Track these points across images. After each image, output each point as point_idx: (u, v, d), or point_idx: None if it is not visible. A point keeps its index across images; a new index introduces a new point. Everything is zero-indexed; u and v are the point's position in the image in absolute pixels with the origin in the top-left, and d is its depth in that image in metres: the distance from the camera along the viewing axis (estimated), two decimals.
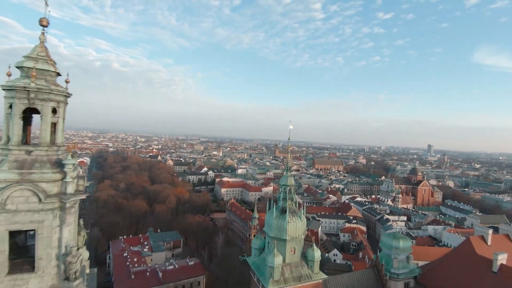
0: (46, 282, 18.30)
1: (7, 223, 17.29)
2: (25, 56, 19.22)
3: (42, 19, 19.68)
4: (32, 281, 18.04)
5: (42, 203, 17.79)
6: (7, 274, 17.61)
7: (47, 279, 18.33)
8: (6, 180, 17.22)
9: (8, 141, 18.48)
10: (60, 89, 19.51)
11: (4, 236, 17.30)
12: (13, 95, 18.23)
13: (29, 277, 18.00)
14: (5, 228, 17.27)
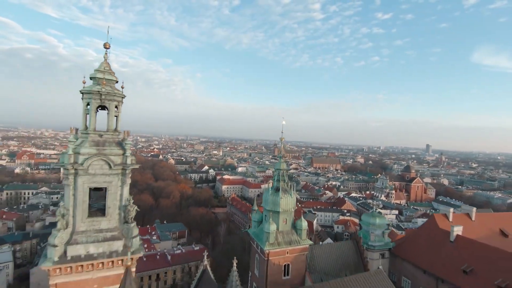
0: (112, 223, 27.15)
1: (88, 182, 26.12)
2: (95, 69, 28.02)
3: (105, 43, 28.48)
4: (103, 223, 26.88)
5: (111, 169, 26.62)
6: (87, 217, 26.44)
7: (113, 222, 27.17)
8: (88, 153, 26.03)
9: (87, 128, 27.30)
10: (119, 92, 28.34)
11: (86, 190, 26.13)
12: (90, 96, 27.04)
13: (101, 219, 26.85)
14: (87, 186, 26.10)
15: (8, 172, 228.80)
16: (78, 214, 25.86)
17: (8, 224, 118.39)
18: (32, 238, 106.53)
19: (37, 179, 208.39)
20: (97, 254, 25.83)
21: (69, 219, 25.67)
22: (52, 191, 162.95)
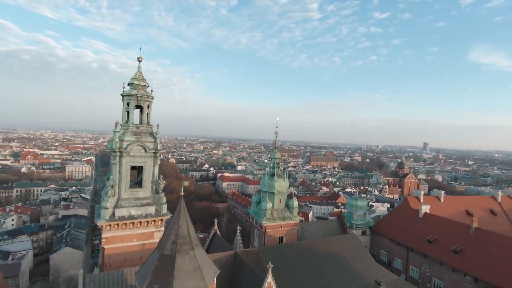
0: (147, 193, 36.24)
1: (130, 162, 35.18)
2: (132, 78, 37.01)
3: (139, 57, 37.53)
4: (140, 193, 35.96)
5: (146, 152, 35.71)
6: (129, 188, 35.49)
7: (147, 192, 36.28)
8: (129, 141, 35.06)
9: (127, 122, 36.35)
10: (150, 95, 37.40)
11: (128, 168, 35.20)
12: (129, 98, 36.07)
13: (139, 190, 35.94)
14: (129, 164, 35.18)
15: (15, 171, 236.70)
16: (123, 186, 34.94)
17: (23, 217, 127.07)
18: (47, 229, 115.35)
19: (43, 178, 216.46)
20: (137, 216, 34.95)
21: (116, 189, 34.72)
22: (60, 188, 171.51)
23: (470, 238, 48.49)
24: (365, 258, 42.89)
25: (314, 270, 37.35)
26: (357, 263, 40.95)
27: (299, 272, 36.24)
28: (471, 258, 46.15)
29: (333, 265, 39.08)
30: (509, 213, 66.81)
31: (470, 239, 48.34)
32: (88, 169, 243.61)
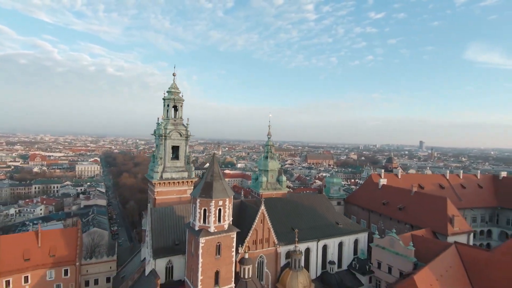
0: (182, 164, 55.34)
1: (171, 143, 54.25)
2: (170, 87, 56.06)
3: (173, 73, 56.64)
4: (178, 163, 55.09)
5: (181, 137, 54.78)
6: (170, 160, 54.48)
7: (182, 163, 55.45)
8: (170, 129, 54.10)
9: (167, 117, 55.38)
10: (182, 98, 56.49)
11: (170, 147, 54.27)
12: (169, 101, 55.16)
13: (177, 161, 55.16)
14: (171, 144, 54.29)
15: (27, 171, 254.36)
16: (167, 158, 53.93)
17: (49, 207, 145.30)
18: (73, 216, 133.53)
19: (55, 176, 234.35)
20: (176, 177, 53.88)
21: (162, 161, 53.60)
22: (75, 184, 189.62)
23: (411, 199, 67.70)
24: (330, 209, 62.01)
25: (294, 213, 56.19)
26: (324, 211, 59.93)
27: (284, 214, 54.97)
28: (410, 212, 65.27)
29: (307, 211, 57.99)
30: (454, 187, 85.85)
31: (411, 199, 67.54)
32: (97, 168, 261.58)
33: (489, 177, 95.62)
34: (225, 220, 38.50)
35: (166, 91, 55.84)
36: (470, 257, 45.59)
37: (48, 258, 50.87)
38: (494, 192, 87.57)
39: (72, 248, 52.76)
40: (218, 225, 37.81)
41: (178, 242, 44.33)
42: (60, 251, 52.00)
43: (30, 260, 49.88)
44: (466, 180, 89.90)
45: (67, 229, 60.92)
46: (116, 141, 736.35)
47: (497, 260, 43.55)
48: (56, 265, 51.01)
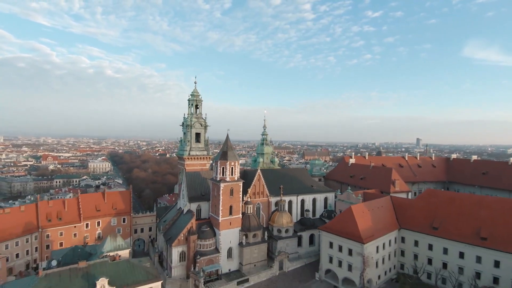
0: (202, 146, 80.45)
1: (195, 130, 79.20)
2: (193, 92, 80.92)
3: (195, 81, 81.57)
4: (199, 145, 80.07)
5: (201, 126, 79.78)
6: (194, 142, 79.36)
7: (201, 145, 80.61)
8: (194, 121, 78.94)
9: (191, 112, 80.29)
10: (201, 99, 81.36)
11: (194, 133, 79.24)
12: (192, 102, 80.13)
13: (199, 144, 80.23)
14: (194, 132, 79.29)
15: (43, 169, 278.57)
16: (192, 141, 78.86)
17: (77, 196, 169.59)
18: None
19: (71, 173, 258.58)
20: (199, 154, 78.73)
21: (189, 143, 78.34)
22: (93, 178, 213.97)
23: (369, 171, 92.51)
24: (308, 178, 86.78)
25: (282, 179, 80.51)
26: (303, 179, 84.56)
27: (274, 179, 79.16)
28: (368, 180, 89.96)
29: (291, 178, 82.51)
30: (411, 166, 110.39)
31: (369, 172, 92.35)
32: (108, 165, 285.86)
33: (443, 158, 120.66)
34: (235, 174, 63.19)
35: (190, 94, 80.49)
36: (398, 202, 70.27)
37: (111, 210, 75.42)
38: (445, 170, 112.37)
39: (127, 204, 77.36)
40: (231, 177, 62.44)
41: (204, 193, 68.96)
42: (119, 205, 76.54)
43: (100, 211, 74.48)
44: (422, 161, 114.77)
45: (123, 191, 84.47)
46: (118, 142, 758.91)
47: (415, 203, 68.24)
48: (117, 215, 75.49)
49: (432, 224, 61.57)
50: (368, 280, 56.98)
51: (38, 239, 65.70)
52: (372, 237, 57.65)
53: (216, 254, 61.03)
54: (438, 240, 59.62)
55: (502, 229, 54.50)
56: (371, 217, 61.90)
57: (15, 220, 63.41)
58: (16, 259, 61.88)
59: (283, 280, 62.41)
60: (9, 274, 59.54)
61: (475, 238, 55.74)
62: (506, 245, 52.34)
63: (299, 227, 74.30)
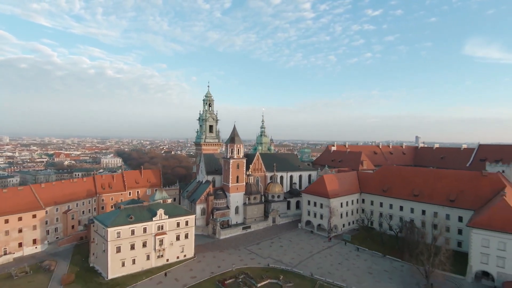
0: (214, 135, 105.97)
1: (208, 123, 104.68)
2: (206, 93, 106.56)
3: (208, 86, 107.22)
4: (212, 134, 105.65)
5: (213, 120, 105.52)
6: (208, 133, 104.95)
7: (214, 134, 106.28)
8: (207, 115, 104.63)
9: (205, 110, 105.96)
10: (213, 98, 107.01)
11: (208, 125, 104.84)
12: (206, 101, 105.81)
13: (212, 133, 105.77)
14: (208, 124, 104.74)
15: (59, 165, 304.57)
16: (206, 131, 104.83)
17: None
18: None
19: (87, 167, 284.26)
20: (212, 142, 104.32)
21: (205, 133, 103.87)
22: (109, 170, 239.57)
23: (345, 155, 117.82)
24: (296, 160, 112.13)
25: (275, 159, 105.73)
26: (292, 161, 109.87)
27: (269, 160, 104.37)
28: (344, 162, 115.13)
29: (283, 160, 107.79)
30: (384, 153, 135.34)
31: (345, 156, 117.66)
32: (119, 161, 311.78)
33: (412, 147, 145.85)
34: (241, 153, 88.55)
35: (204, 95, 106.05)
36: (362, 175, 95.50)
37: (147, 182, 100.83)
38: (413, 157, 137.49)
39: (158, 179, 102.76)
40: (237, 155, 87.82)
41: (217, 169, 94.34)
42: (152, 180, 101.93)
43: (139, 183, 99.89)
44: (394, 149, 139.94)
45: (154, 170, 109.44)
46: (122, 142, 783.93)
47: (373, 175, 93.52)
48: (150, 187, 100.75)
49: (383, 188, 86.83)
50: (334, 226, 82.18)
51: (96, 202, 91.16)
52: (337, 195, 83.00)
53: (227, 210, 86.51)
54: (386, 199, 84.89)
55: (428, 189, 79.73)
56: (338, 183, 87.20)
57: (80, 188, 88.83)
58: (82, 215, 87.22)
59: (275, 229, 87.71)
60: (79, 225, 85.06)
61: (410, 196, 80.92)
62: (429, 199, 77.55)
63: (288, 195, 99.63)
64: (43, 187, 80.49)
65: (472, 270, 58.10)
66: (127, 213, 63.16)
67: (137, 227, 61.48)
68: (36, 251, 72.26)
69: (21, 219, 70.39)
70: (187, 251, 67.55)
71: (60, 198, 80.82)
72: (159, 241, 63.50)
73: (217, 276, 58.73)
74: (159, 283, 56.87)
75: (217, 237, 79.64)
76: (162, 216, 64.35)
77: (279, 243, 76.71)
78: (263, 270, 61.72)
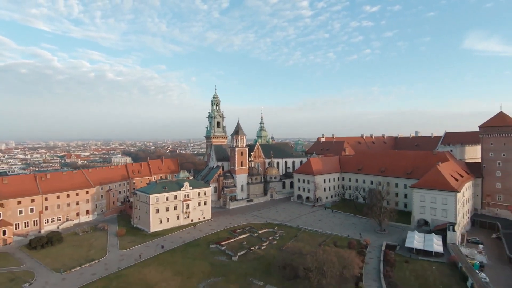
0: (221, 129, 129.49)
1: (216, 120, 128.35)
2: (214, 96, 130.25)
3: (215, 88, 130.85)
4: (220, 129, 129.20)
5: (220, 117, 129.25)
6: (217, 128, 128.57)
7: (221, 129, 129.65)
8: (215, 113, 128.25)
9: (213, 109, 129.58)
10: (219, 99, 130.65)
11: (216, 122, 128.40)
12: (213, 101, 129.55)
13: (219, 129, 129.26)
14: (216, 120, 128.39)
15: (73, 165, 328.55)
16: (215, 126, 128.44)
17: None
18: None
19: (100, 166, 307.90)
20: (219, 135, 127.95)
21: (214, 128, 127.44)
22: None
23: (332, 145, 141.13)
24: (290, 149, 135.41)
25: (273, 149, 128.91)
26: (287, 150, 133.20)
27: (267, 149, 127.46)
28: (331, 150, 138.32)
29: (279, 149, 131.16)
30: (367, 143, 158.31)
31: (332, 145, 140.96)
32: (128, 160, 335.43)
33: (392, 137, 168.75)
34: (244, 143, 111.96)
35: (212, 97, 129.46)
36: (343, 158, 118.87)
37: (167, 169, 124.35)
38: (392, 145, 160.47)
39: (176, 166, 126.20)
40: (241, 144, 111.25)
41: (224, 156, 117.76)
42: (171, 167, 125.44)
43: (161, 170, 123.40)
44: (376, 139, 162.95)
45: (173, 159, 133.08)
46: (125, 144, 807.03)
47: (351, 158, 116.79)
48: (170, 173, 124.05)
49: (358, 168, 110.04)
50: (319, 197, 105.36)
51: (129, 184, 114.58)
52: (320, 173, 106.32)
53: (234, 187, 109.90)
54: (360, 176, 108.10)
55: (391, 166, 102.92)
56: (322, 164, 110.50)
57: (116, 173, 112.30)
58: (119, 194, 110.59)
59: (272, 202, 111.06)
60: (117, 201, 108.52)
61: (378, 172, 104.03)
62: (392, 173, 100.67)
63: (284, 177, 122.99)
64: (90, 172, 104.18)
65: (414, 219, 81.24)
66: (162, 185, 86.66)
67: (170, 195, 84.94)
68: (88, 219, 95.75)
69: (78, 194, 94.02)
70: (206, 214, 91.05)
71: (103, 180, 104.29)
72: (185, 206, 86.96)
73: (229, 228, 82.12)
74: (188, 233, 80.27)
75: (227, 207, 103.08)
76: (187, 187, 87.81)
77: (275, 210, 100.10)
78: (262, 224, 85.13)
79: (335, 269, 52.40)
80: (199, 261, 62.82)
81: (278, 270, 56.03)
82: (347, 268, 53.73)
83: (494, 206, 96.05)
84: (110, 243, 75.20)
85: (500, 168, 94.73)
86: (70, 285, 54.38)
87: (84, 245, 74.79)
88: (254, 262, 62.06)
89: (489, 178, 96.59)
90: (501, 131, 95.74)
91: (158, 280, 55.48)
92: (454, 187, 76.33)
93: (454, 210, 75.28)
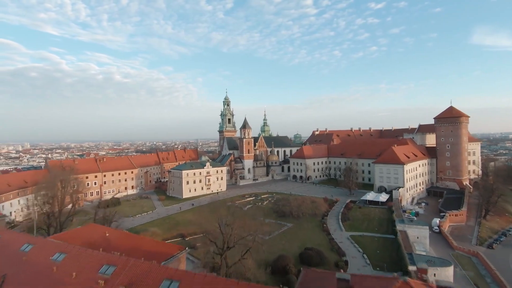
0: (231, 125, 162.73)
1: (227, 117, 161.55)
2: (225, 98, 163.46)
3: (226, 90, 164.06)
4: (230, 125, 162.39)
5: (231, 115, 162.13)
6: (228, 124, 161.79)
7: (231, 124, 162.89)
8: (226, 112, 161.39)
9: (224, 109, 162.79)
10: (229, 100, 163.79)
11: (227, 119, 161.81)
12: (225, 102, 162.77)
13: (229, 124, 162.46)
14: (227, 118, 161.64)
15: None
16: (226, 123, 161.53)
17: None
18: None
19: None
20: (230, 129, 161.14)
21: (225, 124, 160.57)
22: None
23: (325, 137, 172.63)
24: (289, 141, 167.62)
25: (274, 140, 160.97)
26: (287, 142, 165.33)
27: (269, 141, 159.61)
28: (323, 141, 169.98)
29: (280, 141, 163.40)
30: (356, 136, 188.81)
31: (325, 137, 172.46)
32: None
33: (378, 130, 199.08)
34: (250, 135, 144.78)
35: (224, 98, 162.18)
36: (330, 146, 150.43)
37: (189, 157, 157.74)
38: (377, 137, 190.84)
39: (196, 154, 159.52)
40: (248, 136, 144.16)
41: (235, 146, 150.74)
42: (192, 155, 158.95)
43: (184, 157, 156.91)
44: (364, 133, 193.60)
45: (194, 149, 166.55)
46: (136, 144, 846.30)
47: (337, 145, 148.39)
48: (191, 159, 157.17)
49: (341, 153, 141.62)
50: (308, 176, 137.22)
51: (160, 168, 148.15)
52: (310, 157, 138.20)
53: (243, 170, 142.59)
54: (342, 159, 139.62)
55: (367, 150, 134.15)
56: (313, 151, 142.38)
57: (150, 159, 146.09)
58: (153, 176, 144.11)
59: (273, 181, 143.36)
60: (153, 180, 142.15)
61: (356, 155, 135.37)
62: (367, 156, 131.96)
63: (283, 163, 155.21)
64: (133, 157, 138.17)
65: (376, 186, 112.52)
66: (190, 164, 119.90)
67: (196, 171, 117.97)
68: (133, 192, 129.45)
69: (126, 173, 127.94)
70: (222, 187, 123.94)
71: (142, 164, 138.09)
72: (207, 180, 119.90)
73: (240, 195, 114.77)
74: (211, 198, 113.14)
75: (238, 184, 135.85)
76: (208, 166, 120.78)
77: (275, 185, 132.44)
78: (264, 192, 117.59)
79: (308, 209, 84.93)
80: (220, 210, 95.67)
81: (273, 212, 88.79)
82: (317, 209, 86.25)
83: (445, 180, 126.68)
84: (156, 204, 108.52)
85: (449, 150, 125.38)
86: (140, 222, 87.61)
87: (137, 205, 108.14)
88: (258, 209, 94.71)
89: (441, 158, 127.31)
90: (450, 121, 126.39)
91: (194, 218, 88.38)
92: (402, 161, 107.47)
93: (402, 178, 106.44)
